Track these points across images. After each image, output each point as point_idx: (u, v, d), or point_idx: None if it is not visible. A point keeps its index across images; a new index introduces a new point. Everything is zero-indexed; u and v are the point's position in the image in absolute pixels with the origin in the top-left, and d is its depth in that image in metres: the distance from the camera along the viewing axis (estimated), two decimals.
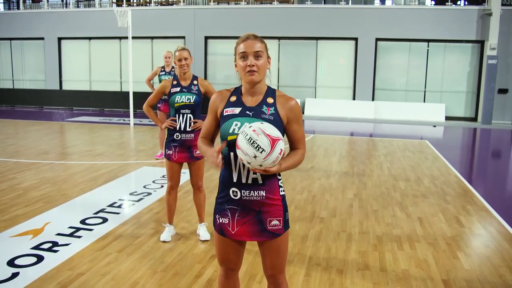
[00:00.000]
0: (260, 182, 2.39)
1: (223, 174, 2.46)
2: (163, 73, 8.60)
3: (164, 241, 4.66)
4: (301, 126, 2.49)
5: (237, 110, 2.42)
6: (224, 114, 2.45)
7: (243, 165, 2.36)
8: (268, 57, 2.44)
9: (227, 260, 2.59)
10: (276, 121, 2.39)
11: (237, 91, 2.51)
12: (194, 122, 4.53)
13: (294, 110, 2.44)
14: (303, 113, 17.53)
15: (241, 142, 2.21)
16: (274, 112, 2.41)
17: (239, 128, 2.36)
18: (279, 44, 17.96)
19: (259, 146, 2.18)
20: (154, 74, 8.80)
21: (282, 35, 17.73)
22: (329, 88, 17.97)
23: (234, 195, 2.42)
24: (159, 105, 8.56)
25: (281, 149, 2.25)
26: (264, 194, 2.40)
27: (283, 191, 2.49)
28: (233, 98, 2.48)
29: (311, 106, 17.57)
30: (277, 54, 18.03)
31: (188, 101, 4.49)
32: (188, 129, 4.51)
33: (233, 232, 2.47)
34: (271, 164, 2.22)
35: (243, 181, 2.39)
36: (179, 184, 4.77)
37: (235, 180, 2.40)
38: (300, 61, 18.03)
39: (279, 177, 2.48)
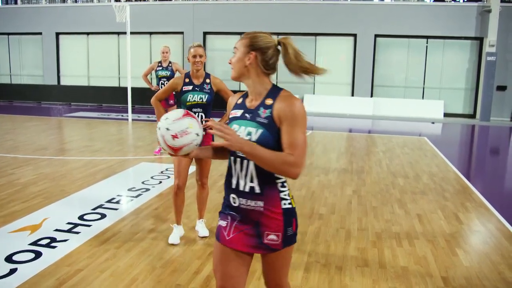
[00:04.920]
0: (258, 191, 2.19)
1: (226, 178, 2.33)
2: (160, 68, 8.56)
3: (172, 244, 4.46)
4: (294, 130, 2.10)
5: (239, 113, 2.29)
6: (230, 117, 2.35)
7: (241, 171, 2.22)
8: (250, 52, 2.20)
9: (221, 272, 2.34)
10: (270, 125, 2.14)
11: (246, 93, 2.37)
12: (206, 121, 4.45)
13: (286, 109, 2.12)
14: None
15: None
16: (269, 114, 2.16)
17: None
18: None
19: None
20: (150, 69, 8.76)
21: (281, 31, 17.67)
22: (327, 84, 17.94)
23: (233, 202, 2.27)
24: None
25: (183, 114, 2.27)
26: (262, 205, 2.20)
27: (289, 204, 2.23)
28: (240, 100, 2.35)
29: (309, 103, 17.54)
30: None
31: (201, 100, 4.40)
32: None
33: (227, 238, 2.30)
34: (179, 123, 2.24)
35: (241, 188, 2.22)
36: (186, 183, 4.57)
37: (233, 186, 2.25)
38: None
39: (282, 189, 2.22)
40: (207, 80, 4.49)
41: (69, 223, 5.01)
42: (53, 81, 20.14)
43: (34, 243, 4.44)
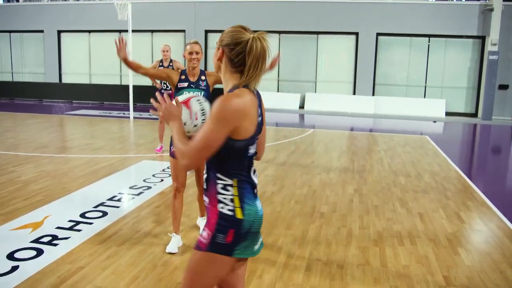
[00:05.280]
0: (205, 187, 2.19)
1: None
2: (161, 67, 8.55)
3: (170, 253, 4.27)
4: (205, 124, 2.00)
5: None
6: None
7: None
8: (219, 48, 2.14)
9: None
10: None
11: None
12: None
13: (212, 106, 2.07)
14: (302, 107, 17.51)
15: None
16: None
17: None
18: (279, 38, 17.90)
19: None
20: (153, 68, 8.74)
21: (283, 29, 17.67)
22: (329, 82, 17.93)
23: None
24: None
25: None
26: (207, 201, 2.17)
27: (230, 211, 2.09)
28: None
29: (311, 101, 17.53)
30: (278, 48, 17.98)
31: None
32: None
33: None
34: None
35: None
36: (185, 186, 4.45)
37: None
38: (301, 56, 17.98)
39: (222, 191, 2.10)
40: (202, 77, 4.39)
41: (70, 220, 5.01)
42: (54, 79, 20.14)
43: (36, 241, 4.44)
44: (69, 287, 3.58)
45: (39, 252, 4.20)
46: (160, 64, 8.60)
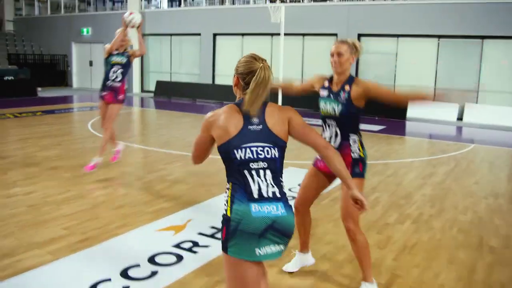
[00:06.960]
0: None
1: None
2: (116, 52, 6.93)
3: (286, 271, 3.91)
4: None
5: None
6: None
7: None
8: (235, 75, 2.59)
9: None
10: None
11: None
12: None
13: None
14: (461, 119, 15.94)
15: None
16: None
17: None
18: (438, 43, 16.54)
19: None
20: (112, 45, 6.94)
21: (442, 33, 16.29)
22: (494, 93, 16.05)
23: None
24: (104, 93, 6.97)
25: None
26: None
27: (225, 210, 2.32)
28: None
29: (471, 112, 15.82)
30: (436, 54, 16.63)
31: (333, 111, 3.46)
32: None
33: None
34: None
35: None
36: (305, 205, 3.84)
37: None
38: (462, 62, 16.39)
39: (225, 194, 2.39)
40: (347, 87, 3.43)
41: (212, 227, 4.84)
42: (208, 80, 21.06)
43: (177, 246, 4.33)
44: None
45: (179, 258, 4.07)
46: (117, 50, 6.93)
